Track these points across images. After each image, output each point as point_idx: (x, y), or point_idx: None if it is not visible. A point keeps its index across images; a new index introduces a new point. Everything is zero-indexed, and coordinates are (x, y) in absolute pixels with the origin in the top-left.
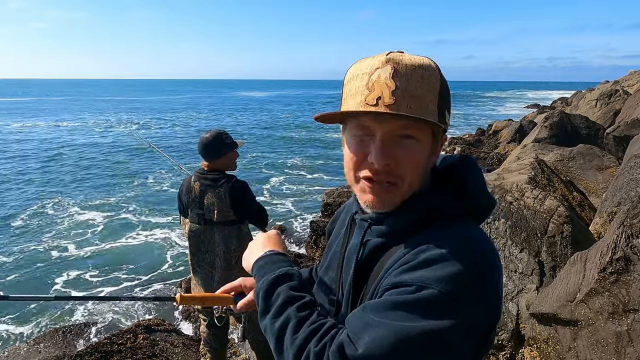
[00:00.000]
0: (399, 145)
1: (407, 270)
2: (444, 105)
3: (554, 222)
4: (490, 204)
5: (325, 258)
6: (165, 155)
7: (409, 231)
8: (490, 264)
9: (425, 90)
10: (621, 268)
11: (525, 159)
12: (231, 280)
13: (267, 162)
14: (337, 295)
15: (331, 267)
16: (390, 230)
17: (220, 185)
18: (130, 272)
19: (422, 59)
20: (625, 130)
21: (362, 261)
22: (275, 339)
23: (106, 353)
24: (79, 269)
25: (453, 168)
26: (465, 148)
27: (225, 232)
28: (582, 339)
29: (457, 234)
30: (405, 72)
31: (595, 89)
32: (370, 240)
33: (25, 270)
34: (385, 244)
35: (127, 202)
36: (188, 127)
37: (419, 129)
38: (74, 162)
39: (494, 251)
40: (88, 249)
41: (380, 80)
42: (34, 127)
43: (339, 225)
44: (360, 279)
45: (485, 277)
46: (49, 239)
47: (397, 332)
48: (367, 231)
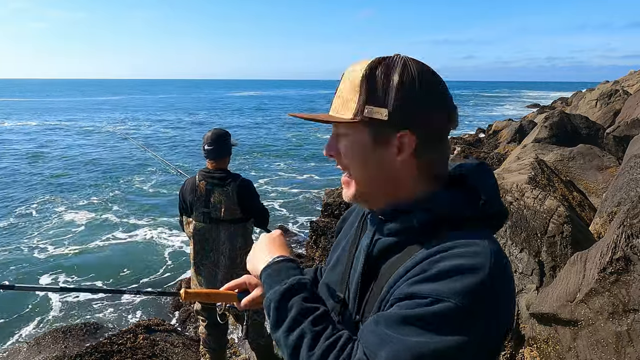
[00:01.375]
0: (338, 141)
1: (421, 280)
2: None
3: (554, 222)
4: (503, 213)
5: (332, 255)
6: (161, 158)
7: (420, 234)
8: (505, 277)
9: (347, 90)
10: (621, 268)
11: (525, 159)
12: (234, 279)
13: (265, 163)
14: (344, 293)
15: (339, 264)
16: (400, 230)
17: (228, 184)
18: (129, 271)
19: (362, 61)
20: (625, 130)
21: (371, 259)
22: (290, 354)
23: (106, 353)
24: (75, 268)
25: (469, 174)
26: (465, 148)
27: (231, 230)
28: (582, 339)
29: (472, 243)
30: (345, 76)
31: (595, 89)
32: (381, 239)
33: (18, 270)
34: (395, 244)
35: (116, 202)
36: (182, 128)
37: (343, 126)
38: (64, 163)
39: (508, 263)
40: (82, 249)
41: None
42: (24, 126)
43: (349, 224)
44: (369, 276)
45: (501, 290)
46: (44, 238)
47: (412, 349)
48: (376, 229)
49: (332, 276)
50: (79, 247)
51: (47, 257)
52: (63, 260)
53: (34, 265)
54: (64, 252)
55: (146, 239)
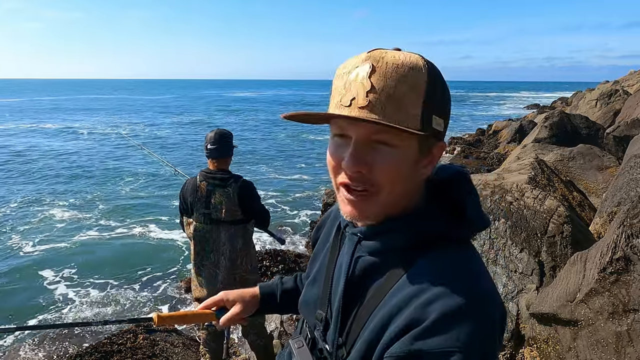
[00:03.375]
0: (374, 151)
1: (421, 335)
2: (431, 110)
3: (554, 222)
4: (485, 226)
5: (311, 268)
6: (160, 158)
7: (404, 251)
8: (498, 307)
9: (406, 93)
10: (621, 268)
11: (525, 159)
12: (234, 280)
13: (263, 163)
14: (326, 312)
15: (318, 280)
16: (383, 249)
17: (229, 185)
18: (129, 268)
19: (409, 56)
20: (625, 130)
21: (353, 278)
22: None
23: (106, 353)
24: (70, 267)
25: (449, 184)
26: (465, 148)
27: (231, 231)
28: (582, 339)
29: (462, 269)
30: (385, 70)
31: (595, 89)
32: (363, 257)
33: (19, 269)
34: (379, 263)
35: (115, 202)
36: (181, 128)
37: (396, 134)
38: (63, 165)
39: (496, 290)
40: (78, 250)
41: (357, 79)
42: (15, 129)
43: (325, 233)
44: (351, 296)
45: (500, 323)
46: (38, 239)
47: None
48: (357, 246)
49: (312, 293)
50: (82, 244)
51: (53, 254)
52: (64, 255)
53: (33, 261)
54: (63, 246)
55: (146, 237)
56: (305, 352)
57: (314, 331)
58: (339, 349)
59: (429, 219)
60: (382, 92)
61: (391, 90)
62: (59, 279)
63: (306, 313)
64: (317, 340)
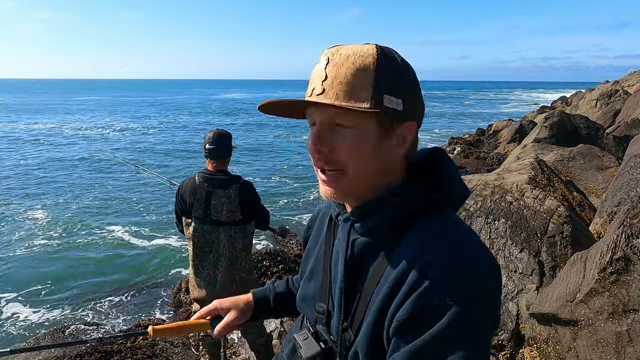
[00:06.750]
0: (335, 133)
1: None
2: (381, 90)
3: (554, 222)
4: (464, 195)
5: (305, 267)
6: (154, 172)
7: (394, 229)
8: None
9: (355, 76)
10: (621, 268)
11: (525, 159)
12: (234, 280)
13: (262, 163)
14: (327, 303)
15: (315, 275)
16: (374, 226)
17: (229, 186)
18: (128, 273)
19: (362, 46)
20: (625, 130)
21: (351, 261)
22: None
23: (106, 353)
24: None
25: (425, 162)
26: (465, 148)
27: (231, 232)
28: (582, 339)
29: (446, 235)
30: (338, 61)
31: (595, 88)
32: (358, 240)
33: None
34: (372, 243)
35: (110, 201)
36: (176, 129)
37: (353, 116)
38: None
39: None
40: (74, 252)
41: (316, 71)
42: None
43: (315, 231)
44: (352, 280)
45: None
46: (33, 240)
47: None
48: (351, 229)
49: (310, 289)
50: (78, 247)
51: (50, 256)
52: (50, 264)
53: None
54: (44, 252)
55: (133, 243)
56: (311, 343)
57: (315, 325)
58: (345, 332)
59: (409, 194)
60: (334, 79)
61: (341, 76)
62: (48, 287)
63: (306, 309)
64: (320, 333)
